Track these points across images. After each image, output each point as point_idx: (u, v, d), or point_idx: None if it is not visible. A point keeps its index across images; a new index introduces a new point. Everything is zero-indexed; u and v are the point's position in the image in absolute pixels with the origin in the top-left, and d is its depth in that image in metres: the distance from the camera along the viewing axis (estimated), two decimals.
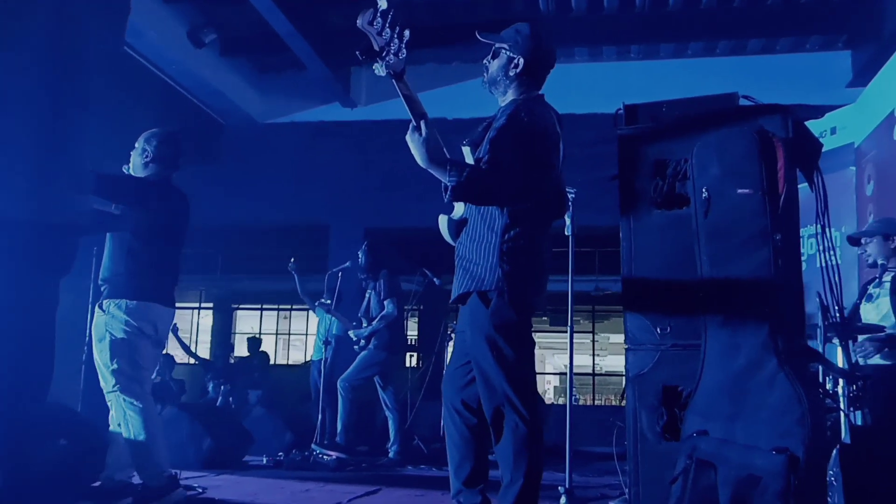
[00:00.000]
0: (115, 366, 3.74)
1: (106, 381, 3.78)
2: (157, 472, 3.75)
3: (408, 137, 2.79)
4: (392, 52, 2.67)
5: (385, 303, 6.62)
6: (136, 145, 4.10)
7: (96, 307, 3.82)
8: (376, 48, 2.67)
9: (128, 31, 7.60)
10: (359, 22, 2.64)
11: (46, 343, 1.95)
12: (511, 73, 2.98)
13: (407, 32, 2.67)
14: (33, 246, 1.86)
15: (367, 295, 6.95)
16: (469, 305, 2.87)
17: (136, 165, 4.09)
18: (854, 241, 4.51)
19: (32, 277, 1.88)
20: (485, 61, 3.08)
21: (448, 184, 2.74)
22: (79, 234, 2.04)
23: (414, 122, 2.77)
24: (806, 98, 7.75)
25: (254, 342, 10.96)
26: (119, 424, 3.76)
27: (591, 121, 6.75)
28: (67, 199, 1.95)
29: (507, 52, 2.98)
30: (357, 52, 2.73)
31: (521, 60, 2.96)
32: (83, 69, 2.03)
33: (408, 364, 11.71)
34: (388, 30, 2.65)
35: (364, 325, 6.82)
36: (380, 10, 2.63)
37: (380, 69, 2.69)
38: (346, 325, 7.16)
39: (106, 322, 3.76)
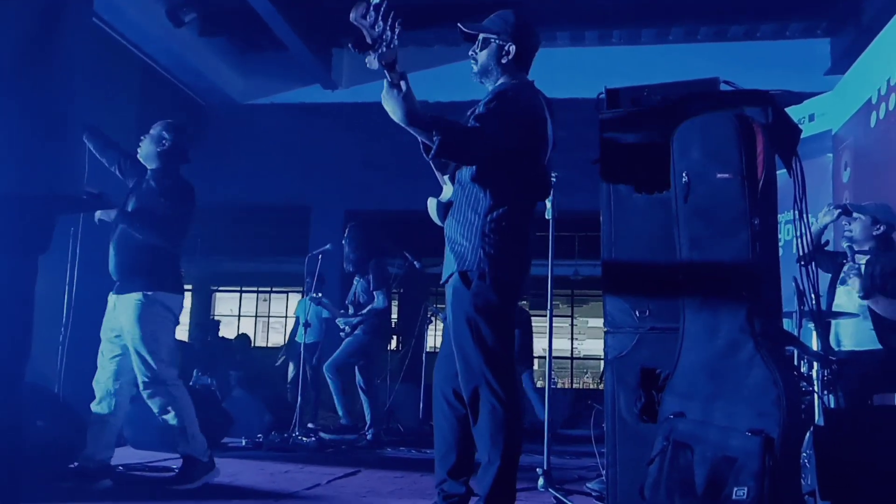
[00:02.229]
0: (162, 356, 3.93)
1: (146, 371, 3.89)
2: (204, 448, 4.01)
3: (384, 95, 2.72)
4: (384, 44, 2.65)
5: (375, 294, 6.57)
6: (152, 132, 4.15)
7: (139, 295, 3.90)
8: (369, 41, 2.63)
9: (107, 9, 7.53)
10: (352, 16, 2.60)
11: (24, 324, 1.93)
12: (503, 61, 3.00)
13: (399, 22, 2.65)
14: (10, 222, 1.83)
15: (354, 281, 6.89)
16: (451, 285, 2.87)
17: (149, 154, 4.13)
18: (847, 211, 4.55)
19: (8, 255, 1.85)
20: (471, 52, 3.08)
21: (434, 139, 2.73)
22: (60, 211, 2.01)
23: (390, 80, 2.69)
24: (786, 84, 7.76)
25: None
26: (166, 411, 3.93)
27: (572, 105, 6.73)
28: (50, 175, 1.91)
29: (497, 41, 3.00)
30: (349, 46, 2.70)
31: (513, 47, 2.99)
32: (57, 39, 1.99)
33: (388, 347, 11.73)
34: (380, 22, 2.63)
35: (351, 311, 6.79)
36: (372, 3, 2.61)
37: (372, 62, 2.66)
38: (334, 313, 7.13)
39: (154, 312, 3.92)
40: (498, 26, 3.01)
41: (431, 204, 3.09)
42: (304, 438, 6.33)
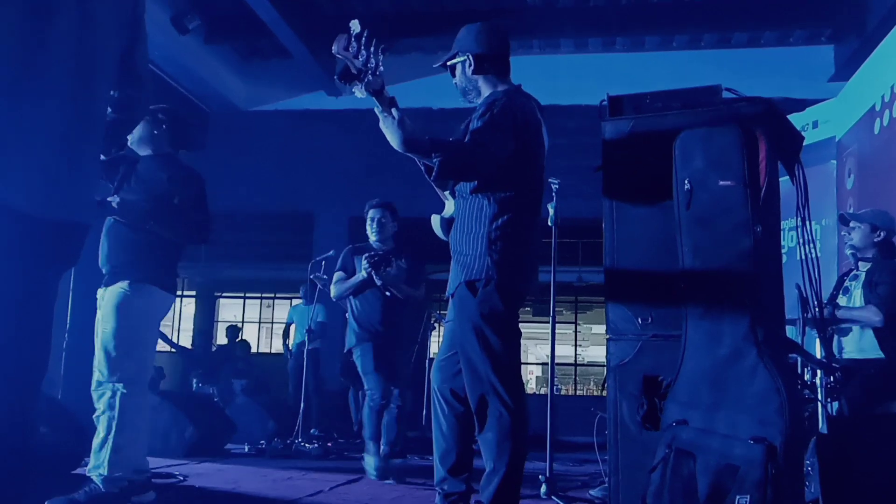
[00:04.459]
0: (134, 356, 3.37)
1: (105, 369, 3.33)
2: (134, 468, 3.38)
3: (381, 125, 2.79)
4: (370, 72, 2.67)
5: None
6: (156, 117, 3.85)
7: (125, 285, 3.37)
8: (354, 71, 2.66)
9: None
10: (334, 49, 2.62)
11: (44, 337, 1.93)
12: (469, 72, 3.05)
13: (382, 47, 2.67)
14: (45, 241, 1.83)
15: None
16: (457, 294, 2.88)
17: (145, 137, 3.79)
18: (844, 220, 4.55)
19: (39, 272, 1.85)
20: (454, 82, 3.13)
21: (434, 161, 2.74)
22: (88, 230, 2.01)
23: (383, 109, 2.77)
24: (789, 91, 7.80)
25: (233, 330, 10.93)
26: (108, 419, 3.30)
27: (575, 111, 6.76)
28: (84, 197, 1.93)
29: (459, 58, 3.06)
30: (335, 77, 2.75)
31: (471, 56, 3.02)
32: (102, 67, 2.01)
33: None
34: (363, 51, 2.64)
35: None
36: (353, 34, 2.62)
37: (360, 92, 2.69)
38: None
39: (137, 307, 3.37)
40: (457, 45, 3.07)
41: (435, 221, 3.14)
42: (307, 445, 6.33)
